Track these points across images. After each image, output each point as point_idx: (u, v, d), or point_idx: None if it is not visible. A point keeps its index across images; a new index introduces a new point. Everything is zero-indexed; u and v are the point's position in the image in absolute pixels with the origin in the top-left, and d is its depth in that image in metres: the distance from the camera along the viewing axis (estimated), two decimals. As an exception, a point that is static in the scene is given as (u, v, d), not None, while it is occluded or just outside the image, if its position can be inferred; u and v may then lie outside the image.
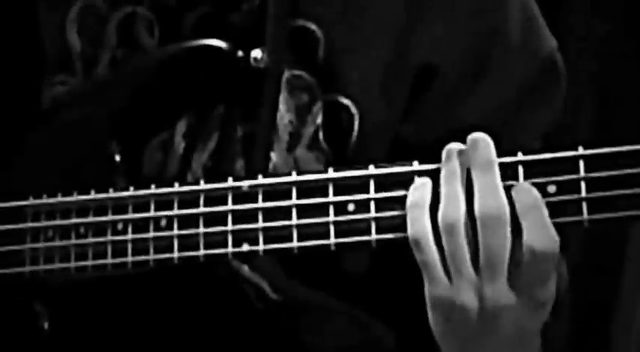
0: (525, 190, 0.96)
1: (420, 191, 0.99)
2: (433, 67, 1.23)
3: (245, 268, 1.23)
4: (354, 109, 1.24)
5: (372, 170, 1.04)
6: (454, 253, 0.96)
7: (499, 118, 1.23)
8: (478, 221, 0.95)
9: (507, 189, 0.96)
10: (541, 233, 0.94)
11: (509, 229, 0.94)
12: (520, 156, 0.99)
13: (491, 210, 0.95)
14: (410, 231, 0.98)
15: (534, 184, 0.97)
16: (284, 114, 1.24)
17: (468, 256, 0.95)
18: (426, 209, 0.98)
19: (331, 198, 1.04)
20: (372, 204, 1.03)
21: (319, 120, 1.25)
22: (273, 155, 1.25)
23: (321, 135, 1.25)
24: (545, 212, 0.95)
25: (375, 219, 1.03)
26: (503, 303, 0.95)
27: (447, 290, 0.96)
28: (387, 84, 1.23)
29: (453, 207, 0.96)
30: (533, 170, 0.98)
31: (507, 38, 1.26)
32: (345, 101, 1.24)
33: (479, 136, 0.99)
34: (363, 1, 1.25)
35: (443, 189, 0.98)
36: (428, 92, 1.24)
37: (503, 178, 0.97)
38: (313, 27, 1.25)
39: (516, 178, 0.98)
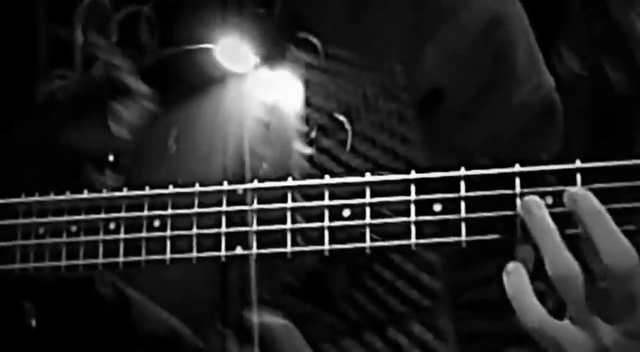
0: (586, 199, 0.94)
1: (516, 275, 0.97)
2: (438, 90, 1.24)
3: None
4: (347, 125, 1.24)
5: (368, 177, 1.04)
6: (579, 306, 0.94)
7: (498, 144, 1.24)
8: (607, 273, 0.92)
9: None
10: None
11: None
12: (517, 168, 0.99)
13: (617, 263, 0.92)
14: (524, 321, 0.95)
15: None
16: None
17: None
18: (530, 293, 0.96)
19: (327, 202, 1.04)
20: (368, 211, 1.03)
21: (314, 132, 1.25)
22: (263, 163, 1.25)
23: (314, 147, 1.25)
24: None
25: (370, 225, 1.02)
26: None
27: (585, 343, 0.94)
28: (387, 105, 1.23)
29: (561, 263, 0.94)
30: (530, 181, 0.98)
31: (513, 68, 1.27)
32: (340, 117, 1.25)
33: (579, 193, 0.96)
34: (369, 23, 1.26)
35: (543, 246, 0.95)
36: (431, 115, 1.25)
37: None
38: (315, 41, 1.26)
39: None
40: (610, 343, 0.93)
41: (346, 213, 1.03)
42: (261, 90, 1.19)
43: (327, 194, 1.05)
